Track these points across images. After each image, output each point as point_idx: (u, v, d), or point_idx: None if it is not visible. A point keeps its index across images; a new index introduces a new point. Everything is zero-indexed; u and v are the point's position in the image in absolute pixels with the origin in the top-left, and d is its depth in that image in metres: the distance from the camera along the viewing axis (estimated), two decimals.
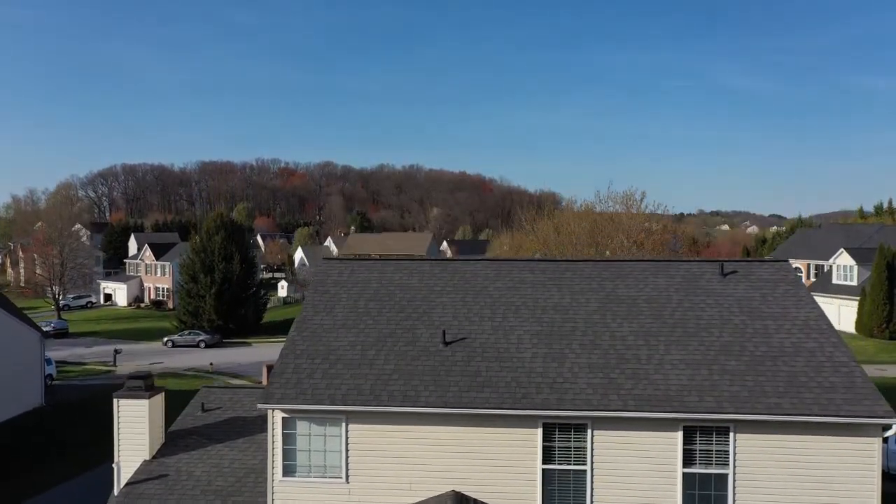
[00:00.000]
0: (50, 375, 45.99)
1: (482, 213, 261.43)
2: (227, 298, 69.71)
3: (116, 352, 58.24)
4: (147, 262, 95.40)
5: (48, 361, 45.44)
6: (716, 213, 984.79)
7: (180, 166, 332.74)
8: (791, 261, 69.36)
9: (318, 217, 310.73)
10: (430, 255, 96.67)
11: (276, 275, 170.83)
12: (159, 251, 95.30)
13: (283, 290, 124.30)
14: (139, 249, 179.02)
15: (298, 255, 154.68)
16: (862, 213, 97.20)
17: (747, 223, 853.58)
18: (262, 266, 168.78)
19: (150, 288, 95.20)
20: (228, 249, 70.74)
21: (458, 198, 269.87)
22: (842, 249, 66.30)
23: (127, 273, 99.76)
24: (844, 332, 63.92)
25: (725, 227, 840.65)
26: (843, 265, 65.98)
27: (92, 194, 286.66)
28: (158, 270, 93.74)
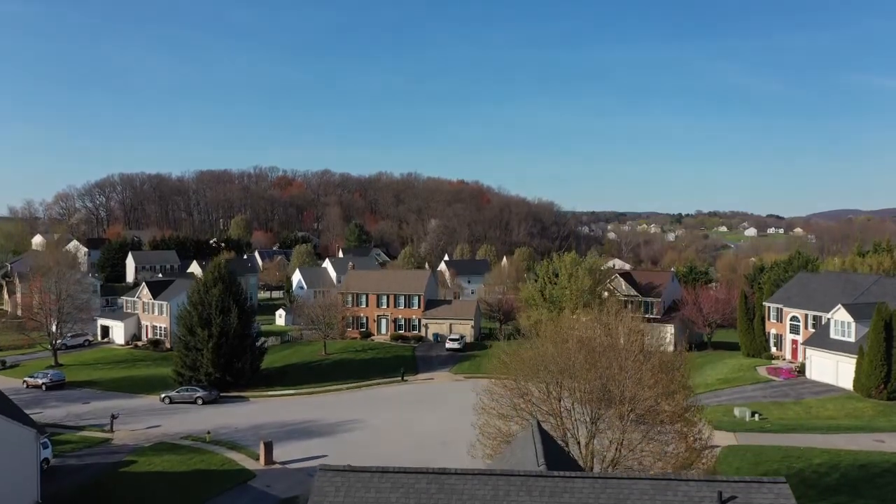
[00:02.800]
0: (46, 460, 45.81)
1: (480, 224, 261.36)
2: (224, 351, 69.58)
3: (113, 417, 58.01)
4: (145, 300, 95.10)
5: (44, 445, 45.25)
6: (714, 214, 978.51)
7: (178, 175, 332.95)
8: (789, 310, 68.61)
9: (316, 225, 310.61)
10: (429, 291, 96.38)
11: (275, 294, 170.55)
12: (157, 289, 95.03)
13: (280, 318, 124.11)
14: (136, 270, 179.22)
15: (297, 277, 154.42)
16: (860, 251, 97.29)
17: (745, 224, 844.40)
18: (259, 284, 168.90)
19: (147, 326, 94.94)
20: (226, 302, 70.54)
21: (455, 209, 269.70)
22: (839, 305, 66.19)
23: (124, 310, 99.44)
24: (842, 390, 63.98)
25: (724, 228, 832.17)
26: (841, 321, 65.92)
27: (89, 205, 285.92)
28: (156, 309, 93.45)
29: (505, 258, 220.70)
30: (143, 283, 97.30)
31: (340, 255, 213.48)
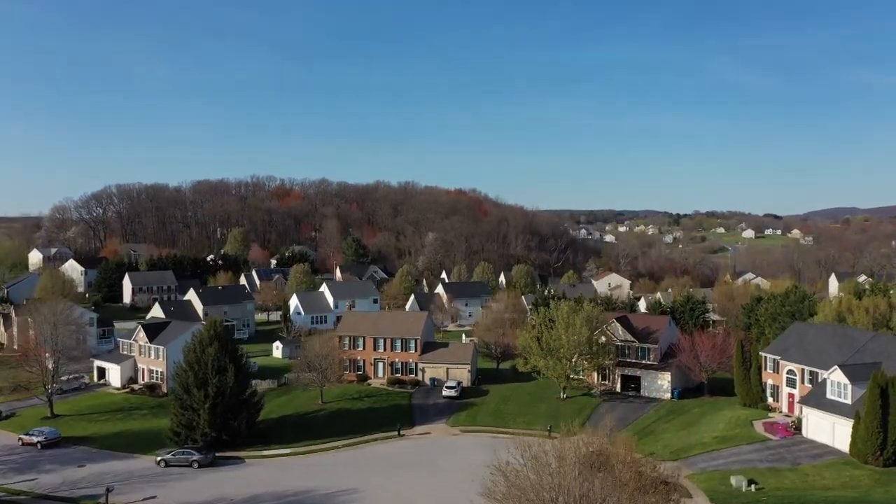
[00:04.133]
0: None
1: (478, 238, 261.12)
2: (220, 411, 69.43)
3: (108, 490, 57.79)
4: (141, 342, 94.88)
5: None
6: (712, 214, 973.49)
7: (175, 185, 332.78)
8: (785, 363, 68.43)
9: (313, 234, 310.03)
10: (426, 333, 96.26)
11: (273, 316, 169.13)
12: (153, 332, 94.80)
13: (277, 350, 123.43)
14: (133, 291, 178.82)
15: (294, 301, 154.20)
16: (858, 292, 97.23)
17: (743, 226, 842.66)
18: (257, 304, 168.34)
19: (143, 369, 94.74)
20: (222, 361, 70.36)
21: (453, 222, 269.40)
22: (836, 367, 66.14)
23: (121, 351, 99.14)
24: (839, 452, 63.84)
25: (721, 229, 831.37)
26: (838, 382, 65.82)
27: (86, 217, 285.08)
28: (152, 353, 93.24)
29: (502, 276, 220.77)
30: (139, 327, 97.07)
31: (338, 273, 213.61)
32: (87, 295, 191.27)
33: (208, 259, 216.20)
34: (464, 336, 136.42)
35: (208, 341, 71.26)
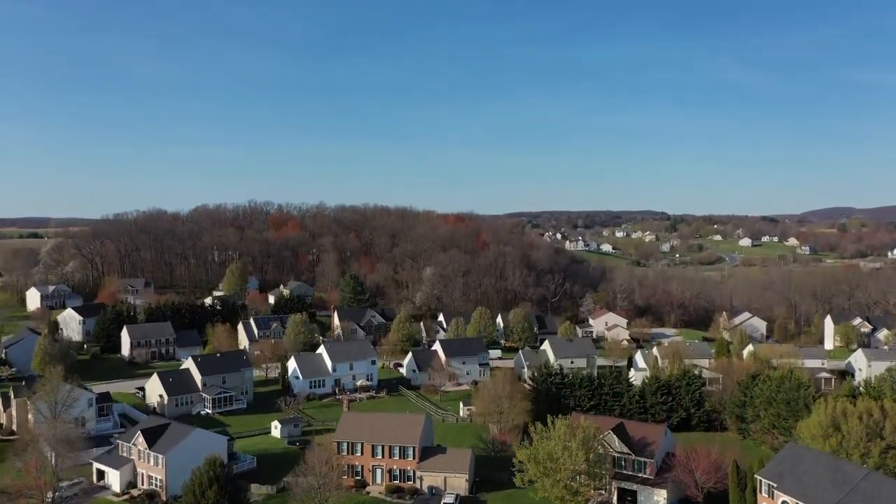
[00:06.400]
0: None
1: (475, 273, 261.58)
2: None
3: None
4: (140, 447, 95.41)
5: None
6: (708, 219, 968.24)
7: (173, 210, 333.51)
8: (780, 494, 68.87)
9: (311, 258, 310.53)
10: (424, 437, 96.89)
11: (272, 374, 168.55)
12: (152, 437, 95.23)
13: (276, 430, 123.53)
14: (132, 346, 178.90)
15: (292, 364, 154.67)
16: (851, 390, 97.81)
17: (739, 233, 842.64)
18: (255, 354, 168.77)
19: (143, 474, 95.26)
20: None
21: (451, 255, 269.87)
22: None
23: (120, 454, 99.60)
24: None
25: (718, 237, 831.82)
26: None
27: (84, 253, 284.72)
28: (151, 459, 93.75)
29: (500, 318, 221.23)
30: (139, 431, 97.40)
31: (336, 320, 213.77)
32: (85, 345, 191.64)
33: (206, 305, 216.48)
34: (461, 406, 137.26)
35: (207, 483, 71.89)
